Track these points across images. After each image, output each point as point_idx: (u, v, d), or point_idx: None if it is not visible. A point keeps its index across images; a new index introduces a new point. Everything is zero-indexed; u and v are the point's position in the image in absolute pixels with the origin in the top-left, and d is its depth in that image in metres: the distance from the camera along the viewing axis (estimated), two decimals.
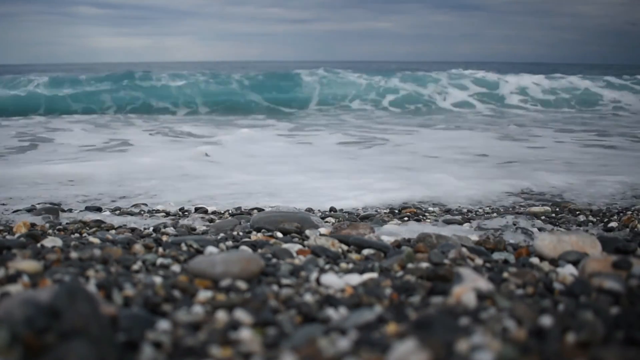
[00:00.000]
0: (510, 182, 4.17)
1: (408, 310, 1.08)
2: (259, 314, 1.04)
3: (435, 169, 5.09)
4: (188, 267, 1.31)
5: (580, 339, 0.89)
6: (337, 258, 1.56)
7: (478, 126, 10.04)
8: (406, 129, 9.36)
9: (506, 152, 6.50)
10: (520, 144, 7.31)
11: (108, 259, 1.41)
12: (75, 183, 4.27)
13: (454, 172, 4.67)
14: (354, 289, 1.23)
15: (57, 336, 0.79)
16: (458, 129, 9.59)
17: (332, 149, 6.99)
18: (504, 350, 0.85)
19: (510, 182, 4.15)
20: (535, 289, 1.25)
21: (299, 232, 2.00)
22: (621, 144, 7.44)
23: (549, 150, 6.75)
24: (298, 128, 9.60)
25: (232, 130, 8.82)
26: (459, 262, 1.46)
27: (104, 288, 1.13)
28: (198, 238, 1.73)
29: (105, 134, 8.59)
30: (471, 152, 6.38)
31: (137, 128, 9.64)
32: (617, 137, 8.20)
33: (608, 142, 7.53)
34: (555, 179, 4.35)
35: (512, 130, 9.06)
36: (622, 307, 1.10)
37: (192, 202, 3.45)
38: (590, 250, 1.59)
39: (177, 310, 1.06)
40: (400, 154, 6.39)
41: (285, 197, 3.68)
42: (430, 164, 5.54)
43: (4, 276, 1.21)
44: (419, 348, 0.84)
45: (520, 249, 1.70)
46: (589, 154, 6.33)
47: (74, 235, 2.00)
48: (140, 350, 0.86)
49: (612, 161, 5.72)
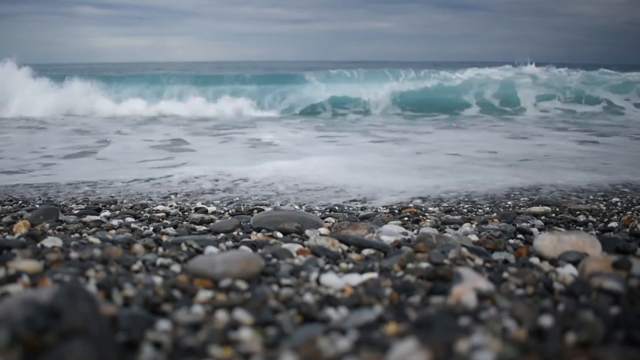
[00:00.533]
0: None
1: (408, 310, 1.08)
2: (259, 314, 1.04)
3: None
4: (188, 267, 1.31)
5: (580, 339, 0.89)
6: (337, 258, 1.56)
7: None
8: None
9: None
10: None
11: (108, 259, 1.41)
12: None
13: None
14: (354, 289, 1.23)
15: (57, 336, 0.79)
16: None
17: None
18: (504, 350, 0.85)
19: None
20: (535, 289, 1.25)
21: (299, 232, 2.00)
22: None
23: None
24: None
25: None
26: (459, 262, 1.47)
27: (104, 288, 1.13)
28: (198, 238, 1.73)
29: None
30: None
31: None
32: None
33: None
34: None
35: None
36: (622, 307, 1.10)
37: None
38: (590, 250, 1.59)
39: (177, 310, 1.06)
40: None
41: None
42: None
43: (4, 276, 1.21)
44: (419, 348, 0.84)
45: (520, 249, 1.70)
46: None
47: (74, 235, 2.00)
48: (140, 350, 0.86)
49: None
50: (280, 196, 3.77)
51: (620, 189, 4.04)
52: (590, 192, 3.88)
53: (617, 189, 4.04)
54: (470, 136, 8.36)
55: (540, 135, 8.42)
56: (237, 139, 7.87)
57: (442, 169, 5.11)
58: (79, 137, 8.04)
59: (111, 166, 5.46)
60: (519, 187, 4.10)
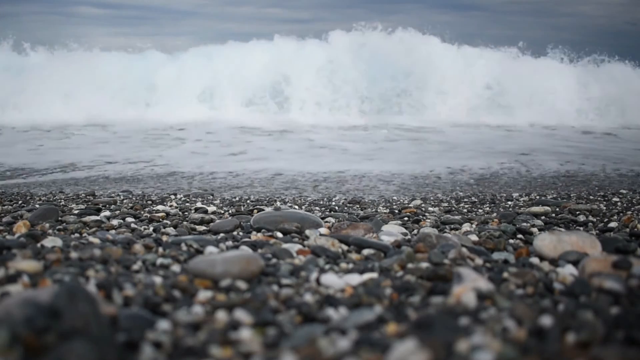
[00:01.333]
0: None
1: (408, 310, 1.08)
2: (259, 314, 1.04)
3: None
4: (188, 267, 1.31)
5: (580, 339, 0.89)
6: (337, 258, 1.56)
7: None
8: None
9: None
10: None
11: (108, 259, 1.41)
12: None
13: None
14: (354, 289, 1.23)
15: (57, 336, 0.79)
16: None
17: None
18: (504, 350, 0.85)
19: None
20: (535, 289, 1.25)
21: (299, 232, 2.00)
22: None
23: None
24: None
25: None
26: (459, 262, 1.46)
27: (104, 288, 1.13)
28: (198, 238, 1.73)
29: None
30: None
31: None
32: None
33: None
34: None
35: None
36: (622, 307, 1.10)
37: None
38: (590, 250, 1.59)
39: (177, 310, 1.06)
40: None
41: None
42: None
43: (4, 276, 1.21)
44: (419, 348, 0.84)
45: (520, 249, 1.70)
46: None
47: (74, 235, 2.00)
48: (140, 350, 0.86)
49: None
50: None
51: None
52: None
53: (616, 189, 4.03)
54: None
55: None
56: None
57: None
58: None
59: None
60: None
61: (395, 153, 7.17)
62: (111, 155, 6.65)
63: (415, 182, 4.91)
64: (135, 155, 6.74)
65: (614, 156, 6.97)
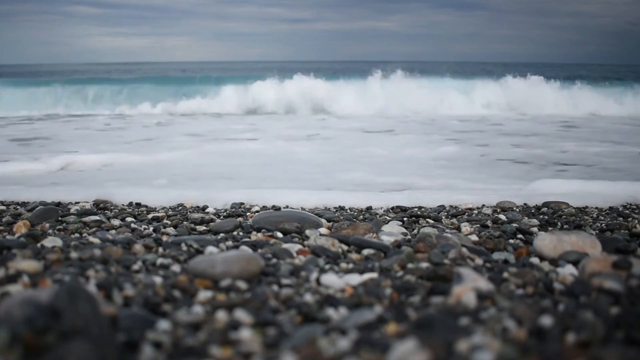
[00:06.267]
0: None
1: (408, 310, 1.08)
2: (259, 314, 1.04)
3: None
4: (188, 267, 1.31)
5: (580, 339, 0.89)
6: (337, 258, 1.56)
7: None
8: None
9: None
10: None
11: (108, 259, 1.41)
12: None
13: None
14: (354, 289, 1.23)
15: (57, 336, 0.79)
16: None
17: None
18: (504, 350, 0.85)
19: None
20: (535, 289, 1.25)
21: (299, 232, 2.00)
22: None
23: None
24: None
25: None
26: (459, 262, 1.47)
27: (104, 288, 1.13)
28: (198, 238, 1.73)
29: None
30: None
31: None
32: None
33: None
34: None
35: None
36: (622, 307, 1.10)
37: None
38: (590, 250, 1.59)
39: (177, 310, 1.06)
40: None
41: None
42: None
43: (4, 276, 1.21)
44: (419, 348, 0.84)
45: (520, 249, 1.70)
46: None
47: (74, 235, 2.00)
48: (140, 350, 0.86)
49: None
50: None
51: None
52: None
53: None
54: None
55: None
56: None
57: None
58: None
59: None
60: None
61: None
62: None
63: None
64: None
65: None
